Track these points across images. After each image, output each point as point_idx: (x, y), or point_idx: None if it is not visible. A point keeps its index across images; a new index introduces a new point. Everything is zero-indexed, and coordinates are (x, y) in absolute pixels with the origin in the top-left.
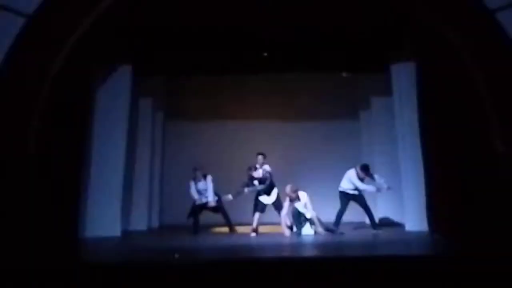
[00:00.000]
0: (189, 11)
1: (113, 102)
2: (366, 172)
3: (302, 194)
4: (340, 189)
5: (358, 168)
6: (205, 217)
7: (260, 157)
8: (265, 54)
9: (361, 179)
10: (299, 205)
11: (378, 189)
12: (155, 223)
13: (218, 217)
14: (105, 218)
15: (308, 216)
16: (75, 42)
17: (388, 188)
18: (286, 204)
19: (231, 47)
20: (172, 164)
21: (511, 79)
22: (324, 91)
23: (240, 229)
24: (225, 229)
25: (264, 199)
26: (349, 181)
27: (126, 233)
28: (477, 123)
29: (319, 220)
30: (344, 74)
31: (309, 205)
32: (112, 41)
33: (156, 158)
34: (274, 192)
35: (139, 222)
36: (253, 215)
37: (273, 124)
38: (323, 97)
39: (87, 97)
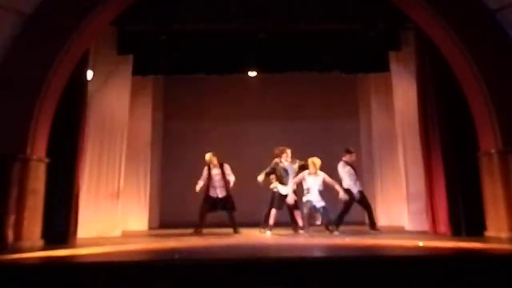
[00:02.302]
0: (189, 12)
1: (113, 101)
2: (350, 154)
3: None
4: (345, 186)
5: (344, 155)
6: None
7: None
8: (265, 54)
9: (351, 166)
10: (314, 181)
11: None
12: (155, 223)
13: (220, 218)
14: (105, 218)
15: (317, 205)
16: (75, 42)
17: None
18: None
19: (231, 47)
20: (172, 164)
21: (511, 79)
22: (324, 91)
23: (243, 230)
24: (222, 230)
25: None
26: (346, 175)
27: (126, 233)
28: (477, 123)
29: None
30: (344, 74)
31: (328, 180)
32: (112, 41)
33: (156, 158)
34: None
35: (139, 222)
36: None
37: (273, 124)
38: (323, 97)
39: (87, 97)
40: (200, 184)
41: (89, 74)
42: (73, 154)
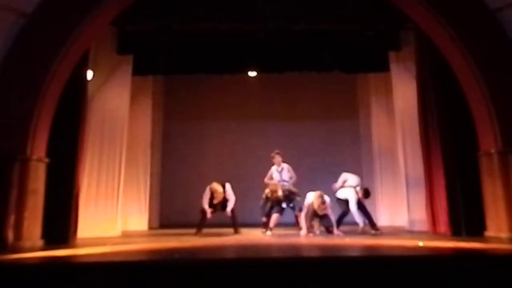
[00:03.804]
0: (189, 12)
1: (113, 101)
2: (367, 197)
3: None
4: (337, 196)
5: (360, 190)
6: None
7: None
8: (265, 54)
9: (358, 199)
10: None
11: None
12: (155, 223)
13: (220, 218)
14: (105, 218)
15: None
16: (75, 42)
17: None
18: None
19: (231, 47)
20: (172, 164)
21: (511, 79)
22: (324, 91)
23: (243, 230)
24: (222, 230)
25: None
26: (347, 195)
27: (126, 233)
28: (477, 123)
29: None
30: (344, 74)
31: (330, 212)
32: (112, 41)
33: (156, 158)
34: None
35: (139, 222)
36: (268, 215)
37: (273, 124)
38: (323, 97)
39: (87, 97)
40: (206, 206)
41: (89, 74)
42: (73, 154)
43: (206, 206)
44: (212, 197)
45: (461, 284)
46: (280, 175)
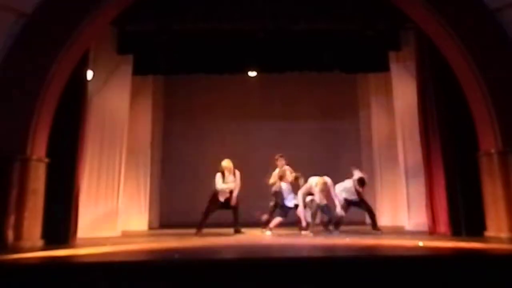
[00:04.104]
0: (189, 12)
1: (113, 101)
2: (362, 185)
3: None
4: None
5: (356, 182)
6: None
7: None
8: (265, 54)
9: (357, 191)
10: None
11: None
12: (155, 223)
13: (220, 218)
14: (105, 218)
15: (321, 204)
16: (75, 42)
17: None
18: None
19: (231, 47)
20: (172, 164)
21: (511, 78)
22: (324, 91)
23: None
24: (222, 230)
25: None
26: (348, 191)
27: (126, 233)
28: (477, 123)
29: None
30: (344, 74)
31: (333, 193)
32: (112, 41)
33: (156, 158)
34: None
35: (139, 222)
36: (270, 214)
37: (273, 124)
38: (323, 97)
39: (87, 97)
40: (220, 186)
41: (89, 74)
42: (73, 154)
43: (220, 186)
44: (223, 177)
45: (461, 284)
46: None
